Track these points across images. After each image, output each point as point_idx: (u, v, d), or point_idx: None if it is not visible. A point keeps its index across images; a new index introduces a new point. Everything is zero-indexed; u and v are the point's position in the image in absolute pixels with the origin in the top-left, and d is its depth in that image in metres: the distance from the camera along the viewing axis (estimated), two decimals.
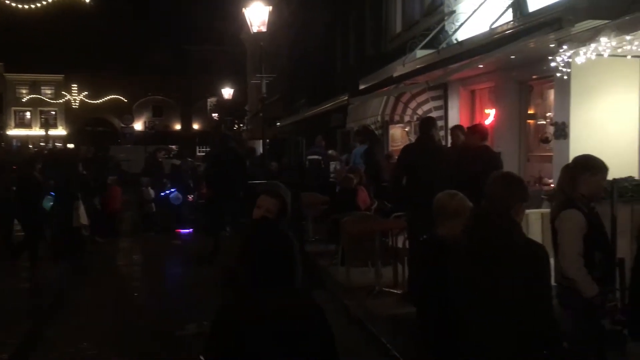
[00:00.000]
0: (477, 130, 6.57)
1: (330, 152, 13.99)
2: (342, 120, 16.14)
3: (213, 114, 45.09)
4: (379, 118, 12.91)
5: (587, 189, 3.38)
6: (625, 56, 6.22)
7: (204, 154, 29.52)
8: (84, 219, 10.04)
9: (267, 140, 15.45)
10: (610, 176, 6.55)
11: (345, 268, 7.52)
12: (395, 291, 6.70)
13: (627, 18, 5.45)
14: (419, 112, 12.07)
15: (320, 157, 12.95)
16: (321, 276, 8.02)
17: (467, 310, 2.52)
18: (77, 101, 47.73)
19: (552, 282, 5.25)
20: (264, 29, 11.96)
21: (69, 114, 49.71)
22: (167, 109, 51.69)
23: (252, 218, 3.32)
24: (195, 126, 51.38)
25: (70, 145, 36.91)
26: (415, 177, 6.25)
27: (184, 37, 49.16)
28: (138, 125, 50.46)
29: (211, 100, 47.78)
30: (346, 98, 13.25)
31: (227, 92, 31.69)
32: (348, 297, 6.87)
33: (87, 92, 47.93)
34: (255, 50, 21.85)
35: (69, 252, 9.56)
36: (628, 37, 5.52)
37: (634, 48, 5.77)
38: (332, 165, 13.37)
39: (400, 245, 7.17)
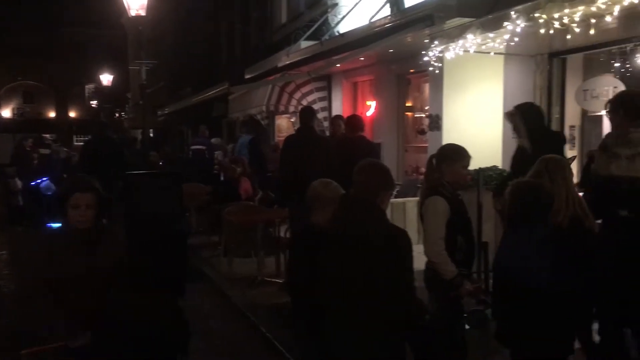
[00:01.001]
0: (353, 121, 6.73)
1: (213, 140, 13.72)
2: (224, 110, 15.92)
3: (91, 102, 42.61)
4: (264, 108, 12.89)
5: (450, 176, 3.51)
6: (488, 53, 6.65)
7: (82, 143, 27.82)
8: None
9: (151, 130, 14.91)
10: (477, 165, 7.03)
11: (228, 259, 7.45)
12: (278, 280, 6.73)
13: (490, 17, 5.83)
14: (304, 102, 12.19)
15: (204, 147, 12.69)
16: (203, 268, 7.88)
17: (335, 296, 2.57)
18: None
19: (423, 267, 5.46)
20: (143, 13, 11.44)
21: None
22: (40, 95, 48.08)
23: (69, 219, 3.05)
24: (72, 114, 48.37)
25: None
26: (296, 167, 6.29)
27: (57, 18, 45.86)
28: (6, 112, 46.57)
29: (89, 87, 45.14)
30: (227, 87, 13.06)
31: (106, 79, 30.11)
32: (230, 287, 6.81)
33: None
34: (137, 35, 20.93)
35: None
36: (491, 35, 5.92)
37: (497, 45, 6.19)
38: (217, 155, 13.17)
39: (283, 235, 7.21)
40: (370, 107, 11.52)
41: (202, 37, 22.01)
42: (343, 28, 10.44)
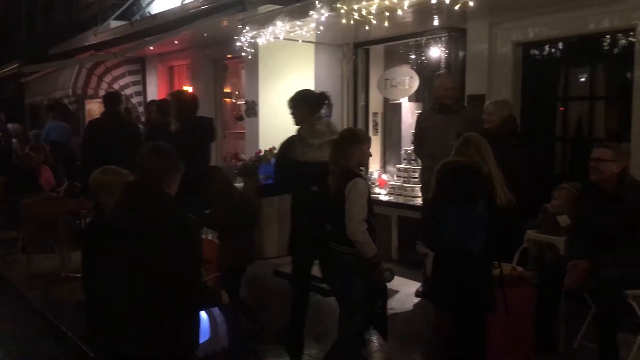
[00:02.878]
0: (165, 106, 6.48)
1: (10, 126, 12.33)
2: (17, 91, 14.41)
3: None
4: (70, 91, 11.91)
5: (358, 158, 3.66)
6: (297, 40, 6.81)
7: None
8: None
9: None
10: None
11: (27, 255, 6.79)
12: None
13: (297, 5, 5.98)
14: (115, 86, 11.54)
15: None
16: None
17: (120, 287, 2.45)
18: None
19: None
20: None
21: None
22: None
23: None
24: None
25: None
26: (101, 154, 5.91)
27: None
28: None
29: None
30: (16, 66, 11.84)
31: None
32: (28, 286, 6.22)
33: None
34: None
35: None
36: (299, 23, 6.06)
37: (304, 33, 6.36)
38: (15, 142, 11.89)
39: None
40: None
41: None
42: (155, 9, 10.01)
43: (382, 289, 3.68)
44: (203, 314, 2.69)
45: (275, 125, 8.73)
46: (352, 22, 5.66)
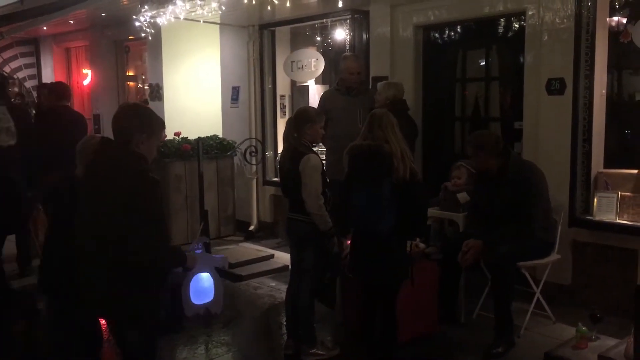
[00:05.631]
0: (57, 89, 6.10)
1: None
2: None
3: None
4: None
5: (310, 137, 3.82)
6: (199, 21, 6.62)
7: None
8: None
9: None
10: (197, 134, 7.05)
11: None
12: None
13: None
14: (7, 69, 10.81)
15: None
16: None
17: (87, 240, 2.58)
18: None
19: None
20: None
21: None
22: None
23: None
24: None
25: None
26: None
27: None
28: None
29: None
30: None
31: None
32: None
33: None
34: None
35: None
36: (199, 2, 5.87)
37: (206, 13, 6.18)
38: None
39: None
40: (87, 76, 10.68)
41: None
42: None
43: (332, 262, 3.87)
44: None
45: (181, 109, 8.49)
46: (254, 1, 5.55)
